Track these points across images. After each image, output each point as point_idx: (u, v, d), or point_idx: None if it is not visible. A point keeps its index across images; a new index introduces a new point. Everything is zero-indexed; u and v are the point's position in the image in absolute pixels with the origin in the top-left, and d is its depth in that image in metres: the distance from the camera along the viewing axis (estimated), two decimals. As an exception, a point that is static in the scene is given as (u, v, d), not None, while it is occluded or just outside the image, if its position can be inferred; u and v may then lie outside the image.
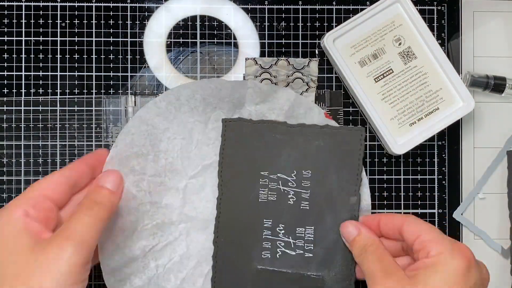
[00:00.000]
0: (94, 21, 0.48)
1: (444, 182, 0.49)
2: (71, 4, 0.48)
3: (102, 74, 0.48)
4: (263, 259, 0.44)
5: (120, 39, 0.48)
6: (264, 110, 0.46)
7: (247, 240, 0.44)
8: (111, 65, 0.48)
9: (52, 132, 0.47)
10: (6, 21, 0.47)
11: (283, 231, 0.44)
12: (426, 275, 0.35)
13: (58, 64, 0.48)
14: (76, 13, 0.48)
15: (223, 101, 0.46)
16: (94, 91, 0.48)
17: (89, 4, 0.48)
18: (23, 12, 0.48)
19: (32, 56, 0.48)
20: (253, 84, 0.46)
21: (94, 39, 0.48)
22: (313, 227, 0.44)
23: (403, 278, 0.36)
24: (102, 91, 0.48)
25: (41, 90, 0.48)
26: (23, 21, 0.48)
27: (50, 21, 0.48)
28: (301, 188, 0.44)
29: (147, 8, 0.48)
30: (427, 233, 0.37)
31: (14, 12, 0.47)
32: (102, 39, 0.48)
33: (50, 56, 0.48)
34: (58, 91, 0.48)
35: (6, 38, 0.47)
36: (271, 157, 0.44)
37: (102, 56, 0.48)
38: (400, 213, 0.49)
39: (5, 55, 0.47)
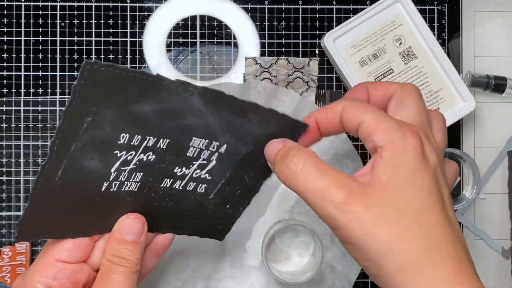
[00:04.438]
0: (94, 21, 0.48)
1: (444, 182, 0.49)
2: (71, 4, 0.48)
3: (102, 74, 0.48)
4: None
5: (120, 39, 0.48)
6: None
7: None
8: (111, 65, 0.48)
9: (51, 132, 0.47)
10: (5, 21, 0.47)
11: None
12: (380, 177, 0.27)
13: (58, 64, 0.48)
14: (75, 13, 0.48)
15: None
16: (93, 91, 0.48)
17: (89, 4, 0.48)
18: (23, 12, 0.47)
19: (31, 56, 0.47)
20: (258, 84, 0.46)
21: (94, 39, 0.48)
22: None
23: (356, 188, 0.27)
24: (102, 91, 0.48)
25: (40, 90, 0.47)
26: (23, 21, 0.47)
27: (49, 21, 0.48)
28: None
29: (147, 8, 0.48)
30: (368, 117, 0.28)
31: (14, 12, 0.47)
32: (102, 39, 0.48)
33: (49, 56, 0.48)
34: (58, 91, 0.48)
35: (5, 38, 0.47)
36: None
37: (102, 56, 0.48)
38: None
39: (5, 55, 0.47)
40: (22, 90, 0.47)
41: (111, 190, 0.34)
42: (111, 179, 0.34)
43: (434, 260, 0.25)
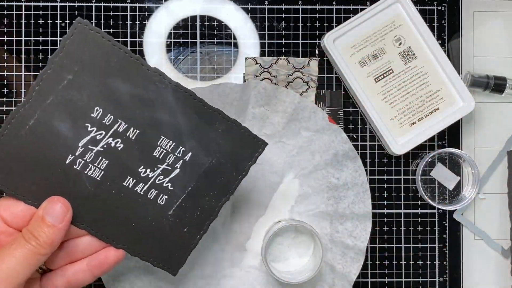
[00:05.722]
0: (94, 21, 0.48)
1: (444, 182, 0.49)
2: (71, 4, 0.48)
3: (102, 74, 0.48)
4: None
5: (120, 39, 0.48)
6: (268, 112, 0.46)
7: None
8: (111, 65, 0.48)
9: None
10: (6, 21, 0.47)
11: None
12: None
13: (58, 64, 0.48)
14: (76, 13, 0.48)
15: (231, 105, 0.45)
16: (94, 91, 0.48)
17: (89, 4, 0.48)
18: (23, 12, 0.47)
19: (32, 56, 0.48)
20: (258, 84, 0.46)
21: (94, 39, 0.48)
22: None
23: None
24: (102, 91, 0.48)
25: (41, 90, 0.47)
26: (23, 21, 0.48)
27: (50, 21, 0.48)
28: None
29: (147, 8, 0.48)
30: None
31: (14, 12, 0.47)
32: (102, 39, 0.48)
33: (50, 56, 0.48)
34: (58, 91, 0.48)
35: (6, 38, 0.47)
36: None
37: (102, 56, 0.48)
38: (401, 214, 0.49)
39: (5, 55, 0.47)
40: (22, 90, 0.47)
41: (74, 167, 0.36)
42: (77, 154, 0.36)
43: None
